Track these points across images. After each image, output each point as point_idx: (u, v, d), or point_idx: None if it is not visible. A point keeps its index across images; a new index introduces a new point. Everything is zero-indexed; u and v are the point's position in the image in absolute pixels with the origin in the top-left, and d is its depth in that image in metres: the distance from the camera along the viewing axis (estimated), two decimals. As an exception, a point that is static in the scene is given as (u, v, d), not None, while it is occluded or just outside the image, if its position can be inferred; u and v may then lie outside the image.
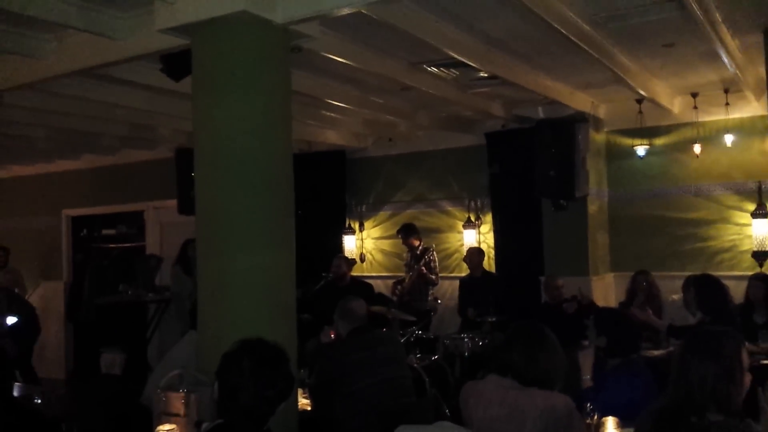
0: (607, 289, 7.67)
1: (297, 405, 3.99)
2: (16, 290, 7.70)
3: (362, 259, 9.06)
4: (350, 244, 9.00)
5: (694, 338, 2.44)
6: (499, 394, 2.93)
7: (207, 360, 3.54)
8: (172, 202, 8.17)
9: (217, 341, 3.37)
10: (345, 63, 5.07)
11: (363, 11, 3.90)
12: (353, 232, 9.04)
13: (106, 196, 9.89)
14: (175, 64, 4.22)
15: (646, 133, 7.38)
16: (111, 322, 8.15)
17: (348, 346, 4.20)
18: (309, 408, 4.26)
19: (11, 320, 6.78)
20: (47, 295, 10.13)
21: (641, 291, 6.35)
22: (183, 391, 3.44)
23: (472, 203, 8.32)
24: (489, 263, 8.04)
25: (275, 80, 3.84)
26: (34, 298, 9.54)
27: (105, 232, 10.23)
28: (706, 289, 5.15)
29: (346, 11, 3.80)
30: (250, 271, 3.62)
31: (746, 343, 2.52)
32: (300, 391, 4.17)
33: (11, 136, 7.54)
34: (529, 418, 2.80)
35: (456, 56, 5.07)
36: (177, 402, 3.42)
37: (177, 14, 3.71)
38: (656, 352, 5.30)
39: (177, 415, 3.39)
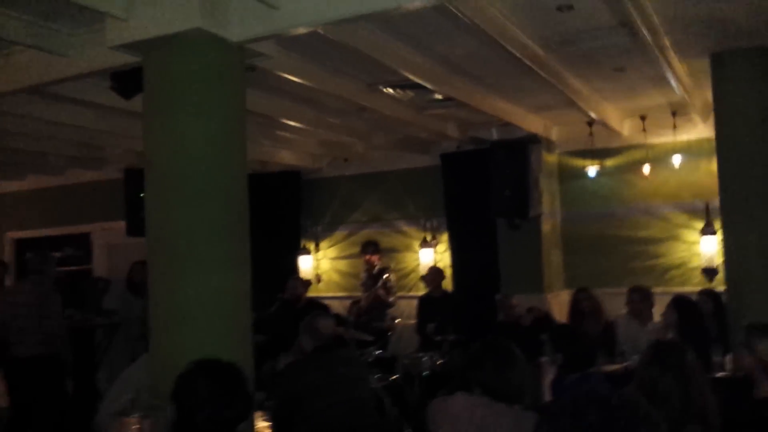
0: (561, 306, 7.73)
1: (254, 428, 3.88)
2: None
3: (318, 279, 8.97)
4: (306, 265, 8.91)
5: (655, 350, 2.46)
6: (468, 411, 2.91)
7: (160, 383, 3.41)
8: (120, 224, 7.94)
9: (171, 364, 3.22)
10: (301, 83, 5.03)
11: (320, 31, 3.88)
12: (309, 253, 8.95)
13: (51, 218, 9.61)
14: (126, 81, 4.12)
15: (597, 154, 7.55)
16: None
17: (309, 365, 4.12)
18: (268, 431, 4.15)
19: None
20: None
21: (584, 309, 6.41)
22: (137, 416, 3.34)
23: (428, 223, 8.35)
24: (446, 282, 8.05)
25: (230, 99, 3.76)
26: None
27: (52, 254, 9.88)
28: (688, 315, 5.22)
29: (302, 30, 3.76)
30: (204, 293, 3.52)
31: None
32: (259, 413, 4.06)
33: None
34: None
35: (413, 78, 5.10)
36: (131, 427, 3.31)
37: (129, 31, 3.61)
38: (613, 367, 5.35)
39: (131, 441, 3.27)
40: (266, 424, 4.18)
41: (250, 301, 3.81)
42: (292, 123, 6.59)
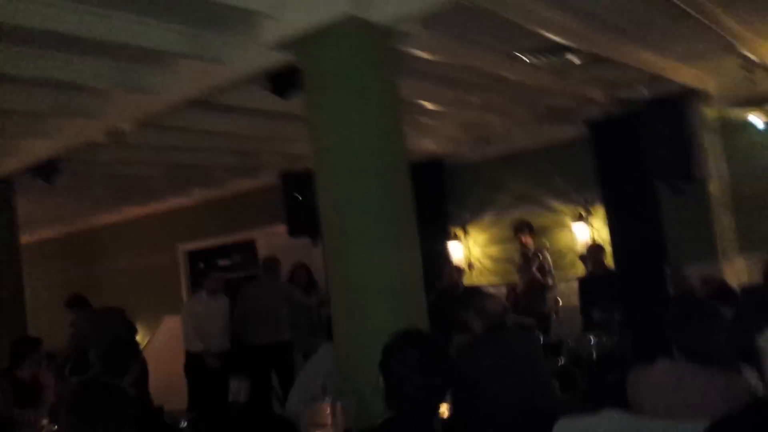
0: (738, 274, 7.16)
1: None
2: None
3: (470, 266, 8.89)
4: (456, 253, 8.86)
5: None
6: (674, 378, 2.70)
7: (346, 367, 3.60)
8: (281, 228, 8.32)
9: (355, 347, 3.47)
10: (439, 61, 5.01)
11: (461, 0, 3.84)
12: (458, 240, 8.89)
13: (217, 228, 10.23)
14: (282, 81, 4.29)
15: (763, 103, 6.90)
16: (231, 351, 8.33)
17: (483, 346, 4.05)
18: (445, 416, 4.14)
19: None
20: (170, 330, 10.53)
21: None
22: (328, 401, 3.48)
23: (580, 198, 8.02)
24: (606, 258, 7.69)
25: (386, 84, 3.83)
26: (159, 334, 9.93)
27: (220, 263, 10.55)
28: None
29: (446, 3, 3.74)
30: (380, 275, 3.62)
31: None
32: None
33: (126, 176, 7.93)
34: (709, 401, 2.55)
35: (555, 38, 4.92)
36: (323, 413, 3.46)
37: (282, 28, 3.76)
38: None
39: (324, 425, 3.43)
40: (444, 405, 4.18)
41: (422, 281, 3.85)
42: (430, 106, 6.58)
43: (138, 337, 7.65)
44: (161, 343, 9.84)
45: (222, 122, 6.07)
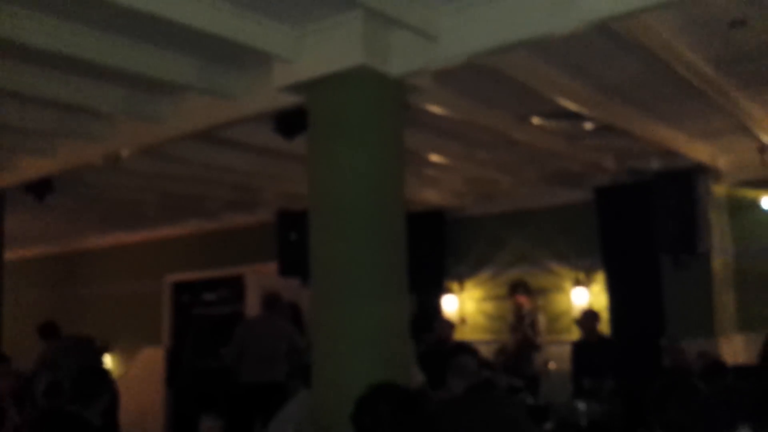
0: (735, 352, 7.04)
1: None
2: None
3: (462, 321, 8.74)
4: (450, 306, 8.72)
5: None
6: None
7: (323, 414, 3.52)
8: (272, 266, 8.19)
9: (334, 395, 3.38)
10: (449, 117, 4.98)
11: (474, 61, 3.80)
12: (453, 293, 8.76)
13: (206, 261, 10.04)
14: (289, 122, 4.24)
15: (772, 183, 6.89)
16: (211, 387, 8.12)
17: (465, 405, 3.91)
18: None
19: None
20: (148, 361, 10.29)
21: None
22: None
23: (581, 262, 7.92)
24: (602, 326, 7.56)
25: (391, 134, 3.80)
26: (137, 364, 9.72)
27: (205, 296, 10.36)
28: None
29: (460, 61, 3.71)
30: (367, 324, 3.54)
31: None
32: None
33: (120, 201, 7.82)
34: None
35: (569, 105, 4.89)
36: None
37: (296, 72, 3.73)
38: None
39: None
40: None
41: (408, 334, 3.78)
42: (437, 159, 6.53)
43: (109, 366, 7.48)
44: (138, 374, 9.63)
45: (222, 156, 5.99)
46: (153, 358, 10.18)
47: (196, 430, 7.26)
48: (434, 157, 6.46)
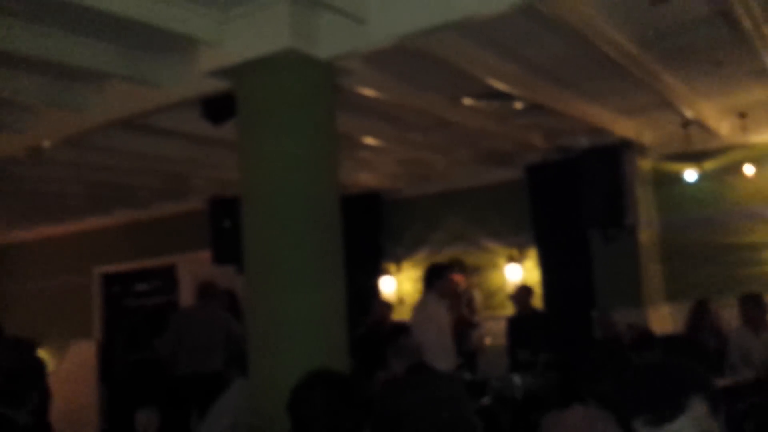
0: (663, 321, 7.34)
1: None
2: None
3: (400, 302, 8.79)
4: (388, 287, 8.75)
5: None
6: (586, 424, 2.74)
7: (261, 404, 3.46)
8: (205, 254, 8.02)
9: (271, 384, 3.33)
10: (381, 100, 4.96)
11: (405, 44, 3.77)
12: (390, 275, 8.79)
13: (136, 252, 9.77)
14: (217, 108, 4.13)
15: (694, 157, 7.18)
16: (146, 380, 7.93)
17: (407, 385, 3.94)
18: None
19: None
20: (79, 356, 9.95)
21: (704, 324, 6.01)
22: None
23: (514, 239, 8.07)
24: (536, 300, 7.75)
25: (322, 118, 3.73)
26: (67, 360, 9.38)
27: (137, 287, 10.09)
28: None
29: (390, 43, 3.67)
30: (302, 311, 3.49)
31: None
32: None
33: (45, 193, 7.49)
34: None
35: (499, 86, 4.93)
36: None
37: (221, 56, 3.62)
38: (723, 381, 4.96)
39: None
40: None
41: (346, 319, 3.75)
42: (372, 142, 6.50)
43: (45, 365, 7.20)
44: (70, 369, 9.31)
45: (151, 144, 5.80)
46: (85, 352, 9.87)
47: (132, 425, 7.14)
48: (368, 140, 6.42)
